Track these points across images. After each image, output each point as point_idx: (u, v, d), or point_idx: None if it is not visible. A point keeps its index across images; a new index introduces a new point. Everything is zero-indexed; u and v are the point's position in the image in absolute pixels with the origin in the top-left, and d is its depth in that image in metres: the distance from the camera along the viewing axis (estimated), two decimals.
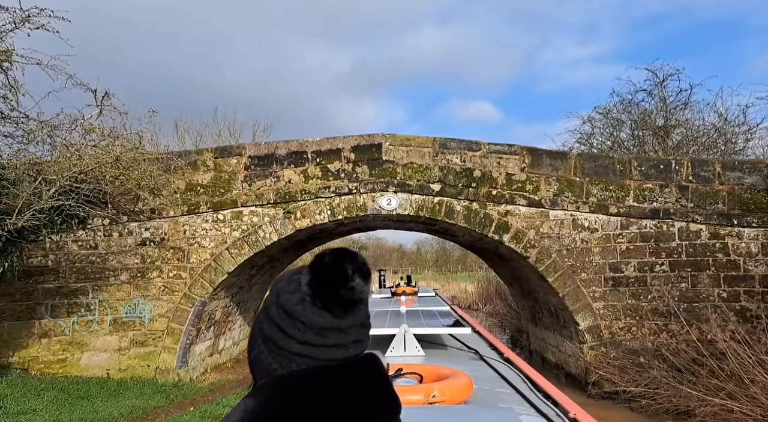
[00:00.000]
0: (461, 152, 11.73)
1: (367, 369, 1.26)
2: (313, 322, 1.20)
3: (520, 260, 12.17)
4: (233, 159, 11.61)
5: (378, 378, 1.27)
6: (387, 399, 1.26)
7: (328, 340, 1.21)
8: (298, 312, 1.21)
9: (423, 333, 5.32)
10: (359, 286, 1.22)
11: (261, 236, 11.55)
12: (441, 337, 6.02)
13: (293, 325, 1.21)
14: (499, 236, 11.55)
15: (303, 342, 1.20)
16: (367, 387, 1.23)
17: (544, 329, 14.11)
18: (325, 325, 1.21)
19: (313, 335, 1.20)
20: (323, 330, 1.21)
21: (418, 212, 11.72)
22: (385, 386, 1.27)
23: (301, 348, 1.21)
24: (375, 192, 11.70)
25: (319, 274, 1.22)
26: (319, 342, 1.21)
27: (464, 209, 11.63)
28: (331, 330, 1.21)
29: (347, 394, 1.20)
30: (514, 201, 11.55)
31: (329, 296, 1.21)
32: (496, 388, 3.85)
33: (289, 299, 1.23)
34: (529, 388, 3.82)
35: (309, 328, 1.20)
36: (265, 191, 11.62)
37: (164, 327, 11.07)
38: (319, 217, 11.67)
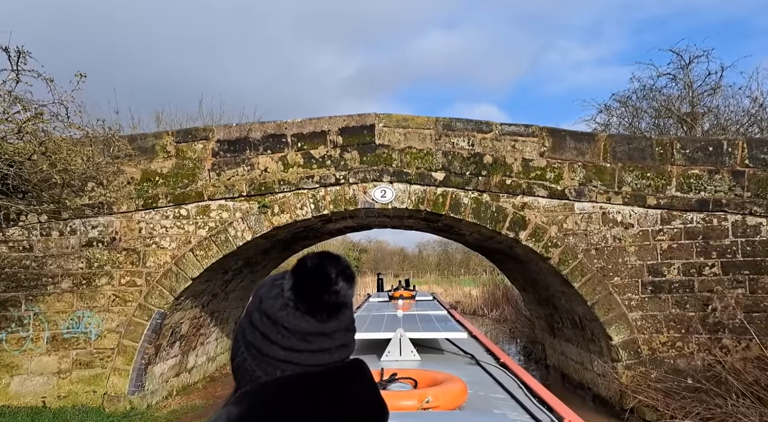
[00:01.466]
0: (469, 133, 9.91)
1: (352, 375, 1.24)
2: (297, 327, 1.19)
3: (539, 262, 10.33)
4: (198, 144, 9.80)
5: (364, 384, 1.26)
6: (373, 406, 1.25)
7: (313, 345, 1.20)
8: (281, 318, 1.20)
9: (419, 337, 5.27)
10: (343, 290, 1.20)
11: (232, 234, 9.73)
12: (437, 341, 5.91)
13: (276, 331, 1.19)
14: (514, 233, 9.72)
15: (287, 348, 1.19)
16: (353, 393, 1.21)
17: (564, 341, 12.25)
18: (309, 330, 1.19)
19: (297, 340, 1.19)
20: (307, 335, 1.19)
21: (418, 206, 9.90)
22: (371, 392, 1.26)
23: (285, 354, 1.19)
24: (367, 182, 9.88)
25: (302, 278, 1.20)
26: (303, 347, 1.19)
27: (473, 201, 9.80)
28: (315, 334, 1.20)
29: (332, 400, 1.18)
30: (532, 192, 9.72)
31: (313, 300, 1.19)
32: (491, 393, 3.81)
33: (271, 305, 1.21)
34: (524, 394, 3.76)
35: (293, 334, 1.19)
36: (237, 181, 9.81)
37: (115, 344, 9.24)
38: (300, 212, 9.85)
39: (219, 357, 13.48)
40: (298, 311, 1.19)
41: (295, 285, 1.20)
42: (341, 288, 1.19)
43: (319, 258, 1.21)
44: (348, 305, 1.24)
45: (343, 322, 1.23)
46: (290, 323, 1.19)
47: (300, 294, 1.19)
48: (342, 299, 1.21)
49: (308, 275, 1.20)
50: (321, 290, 1.19)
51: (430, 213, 10.11)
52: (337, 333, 1.22)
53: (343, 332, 1.24)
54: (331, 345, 1.21)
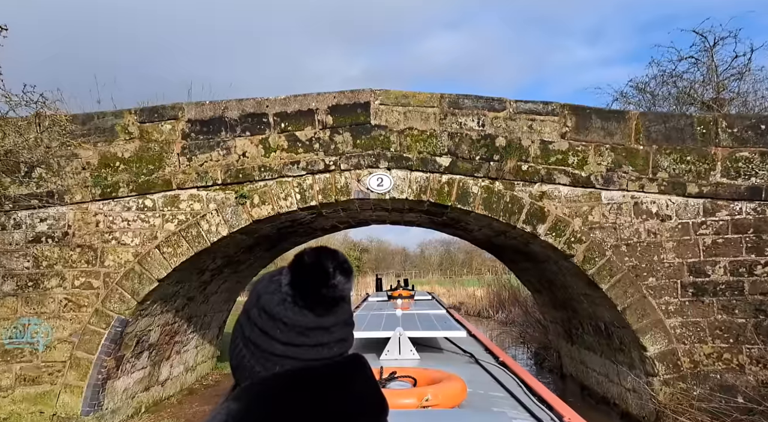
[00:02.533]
0: (478, 112, 8.58)
1: (352, 369, 1.24)
2: (296, 322, 1.18)
3: (559, 261, 9.00)
4: (166, 124, 8.48)
5: (362, 379, 1.25)
6: (372, 400, 1.24)
7: (311, 340, 1.19)
8: (279, 313, 1.19)
9: (418, 336, 5.28)
10: (341, 284, 1.20)
11: (205, 229, 8.41)
12: (436, 340, 5.89)
13: (275, 326, 1.19)
14: (531, 227, 8.39)
15: (286, 343, 1.18)
16: (352, 388, 1.21)
17: (584, 349, 10.92)
18: (308, 324, 1.19)
19: (295, 335, 1.18)
20: (306, 330, 1.19)
21: (420, 196, 8.58)
22: (370, 386, 1.26)
23: (284, 349, 1.18)
24: (361, 169, 8.56)
25: (300, 273, 1.20)
26: (302, 341, 1.19)
27: (483, 190, 8.47)
28: (314, 329, 1.19)
29: (332, 394, 1.17)
30: (552, 179, 8.39)
31: (311, 295, 1.19)
32: (490, 392, 3.77)
33: (269, 301, 1.21)
34: (524, 392, 3.71)
35: (291, 328, 1.18)
36: (211, 167, 8.49)
37: (66, 356, 7.94)
38: (284, 203, 8.53)
39: (200, 367, 12.17)
40: (297, 306, 1.19)
41: (293, 280, 1.20)
42: (339, 282, 1.19)
43: (316, 253, 1.22)
44: (346, 299, 1.24)
45: (342, 316, 1.23)
46: (289, 318, 1.18)
47: (298, 289, 1.19)
48: (340, 293, 1.21)
49: (306, 269, 1.20)
50: (319, 285, 1.18)
51: (433, 205, 8.79)
52: (336, 327, 1.22)
53: (342, 326, 1.23)
54: (329, 339, 1.21)
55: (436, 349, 5.61)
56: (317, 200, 8.56)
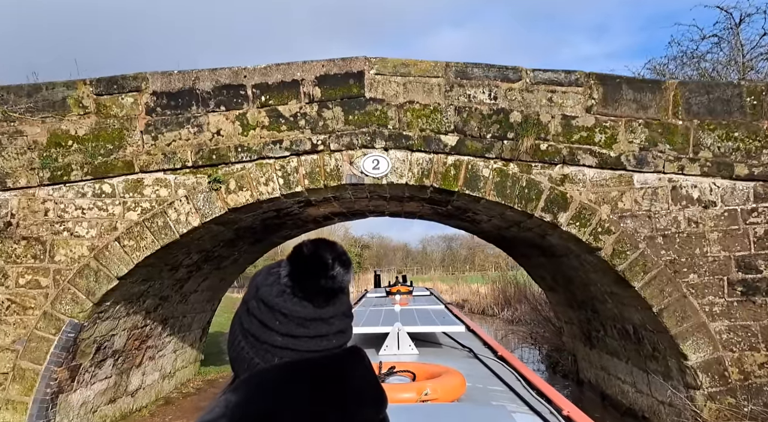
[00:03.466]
0: (490, 83, 7.41)
1: (351, 361, 1.22)
2: (295, 313, 1.17)
3: (582, 255, 7.84)
4: (127, 97, 7.32)
5: (361, 371, 1.23)
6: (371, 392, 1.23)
7: (311, 331, 1.18)
8: (278, 304, 1.18)
9: (417, 332, 5.20)
10: (340, 275, 1.19)
11: (173, 218, 7.26)
12: (435, 335, 5.82)
13: (274, 318, 1.18)
14: (551, 215, 7.23)
15: (284, 334, 1.17)
16: (351, 380, 1.19)
17: (607, 354, 9.76)
18: (307, 316, 1.18)
19: (294, 326, 1.17)
20: (305, 321, 1.18)
21: (423, 180, 7.42)
22: (369, 378, 1.24)
23: (283, 341, 1.18)
24: (354, 149, 7.40)
25: (299, 264, 1.20)
26: (301, 333, 1.18)
27: (495, 173, 7.31)
28: (312, 320, 1.18)
29: (330, 386, 1.16)
30: (575, 160, 7.23)
31: (310, 286, 1.18)
32: (489, 386, 3.78)
33: (268, 292, 1.20)
34: (522, 386, 3.73)
35: (290, 320, 1.17)
36: (180, 147, 7.33)
37: (9, 367, 6.80)
38: (265, 189, 7.37)
39: (180, 373, 11.04)
40: (296, 298, 1.17)
41: (292, 271, 1.19)
42: (338, 273, 1.19)
43: (315, 244, 1.21)
44: (345, 290, 1.21)
45: (340, 308, 1.21)
46: (288, 309, 1.17)
47: (297, 280, 1.18)
48: (339, 285, 1.19)
49: (304, 261, 1.19)
50: (318, 276, 1.17)
51: (438, 191, 7.64)
52: (335, 318, 1.20)
53: (341, 317, 1.22)
54: (328, 330, 1.19)
55: (434, 344, 5.59)
56: (303, 185, 7.40)
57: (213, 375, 11.97)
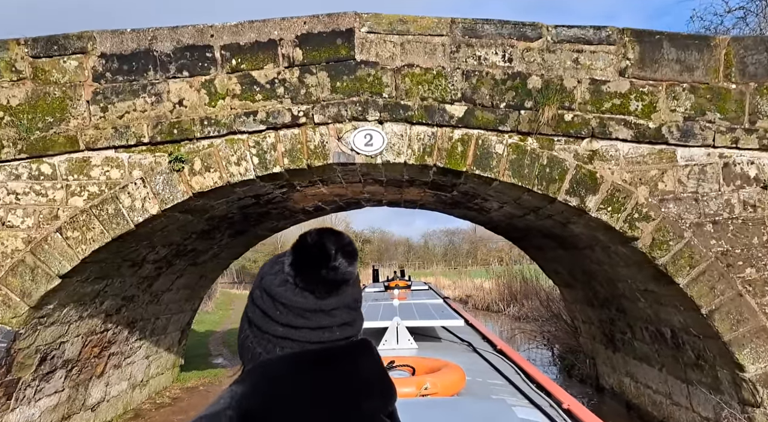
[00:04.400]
0: (504, 42, 6.22)
1: (357, 353, 1.19)
2: (295, 304, 1.15)
3: (613, 246, 6.68)
4: (71, 60, 6.13)
5: (369, 363, 1.20)
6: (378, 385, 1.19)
7: (311, 322, 1.15)
8: (279, 294, 1.16)
9: (415, 326, 5.20)
10: (342, 266, 1.15)
11: (126, 205, 6.09)
12: (434, 330, 5.82)
13: (275, 307, 1.16)
14: (578, 199, 6.06)
15: (285, 325, 1.15)
16: (358, 371, 1.16)
17: (634, 360, 8.60)
18: (308, 307, 1.15)
19: (294, 317, 1.15)
20: (305, 312, 1.15)
21: (424, 159, 6.24)
22: (376, 371, 1.20)
23: (284, 331, 1.15)
24: (343, 122, 6.22)
25: (301, 254, 1.17)
26: (301, 324, 1.15)
27: (511, 149, 6.13)
28: (313, 311, 1.15)
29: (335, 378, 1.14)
30: (606, 132, 6.05)
31: (311, 276, 1.15)
32: (489, 380, 3.76)
33: (271, 282, 1.18)
34: (522, 380, 3.74)
35: (290, 310, 1.15)
36: (135, 120, 6.15)
37: None
38: (237, 170, 6.20)
39: (154, 381, 9.90)
40: (297, 288, 1.15)
41: (294, 261, 1.16)
42: (340, 265, 1.15)
43: (319, 234, 1.18)
44: (349, 282, 1.18)
45: (344, 299, 1.18)
46: (288, 299, 1.15)
47: (299, 270, 1.15)
48: (341, 276, 1.16)
49: (307, 250, 1.16)
50: (319, 266, 1.14)
51: (442, 171, 6.46)
52: (338, 310, 1.17)
53: (345, 310, 1.18)
54: (330, 322, 1.16)
55: (433, 338, 5.55)
56: (282, 165, 6.22)
57: (194, 381, 10.83)
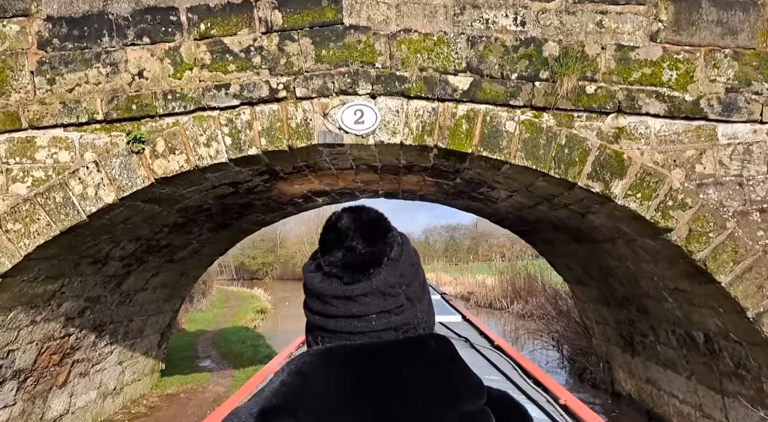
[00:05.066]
0: (516, 2, 5.35)
1: (405, 351, 1.05)
2: (321, 290, 1.07)
3: (639, 238, 5.84)
4: (11, 24, 5.28)
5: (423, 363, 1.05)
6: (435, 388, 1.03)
7: (341, 310, 1.06)
8: (308, 281, 1.10)
9: None
10: (360, 247, 1.05)
11: (77, 192, 5.25)
12: None
13: (308, 294, 1.11)
14: (601, 184, 5.22)
15: (317, 313, 1.09)
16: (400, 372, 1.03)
17: (657, 365, 7.77)
18: (333, 293, 1.06)
19: (323, 304, 1.07)
20: (333, 299, 1.06)
21: (423, 139, 5.40)
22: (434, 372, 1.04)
23: (318, 320, 1.09)
24: (329, 96, 5.37)
25: (322, 236, 1.11)
26: (332, 312, 1.06)
27: (524, 127, 5.29)
28: (340, 298, 1.06)
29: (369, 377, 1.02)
30: (635, 107, 5.20)
31: (330, 260, 1.06)
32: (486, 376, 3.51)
33: (306, 268, 1.13)
34: (519, 375, 3.78)
35: (319, 297, 1.08)
36: (87, 94, 5.31)
37: None
38: (206, 151, 5.35)
39: (130, 389, 9.07)
40: (322, 273, 1.07)
41: (319, 244, 1.11)
42: (357, 245, 1.05)
43: (342, 211, 1.10)
44: (380, 264, 1.06)
45: (375, 285, 1.05)
46: (314, 286, 1.08)
47: (323, 254, 1.08)
48: (361, 258, 1.05)
49: (327, 232, 1.09)
50: (337, 248, 1.06)
51: (444, 154, 5.62)
52: (367, 296, 1.05)
53: (378, 296, 1.06)
54: (361, 310, 1.06)
55: None
56: (259, 146, 5.38)
57: (175, 387, 10.01)
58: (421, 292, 1.13)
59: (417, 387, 1.02)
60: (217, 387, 10.19)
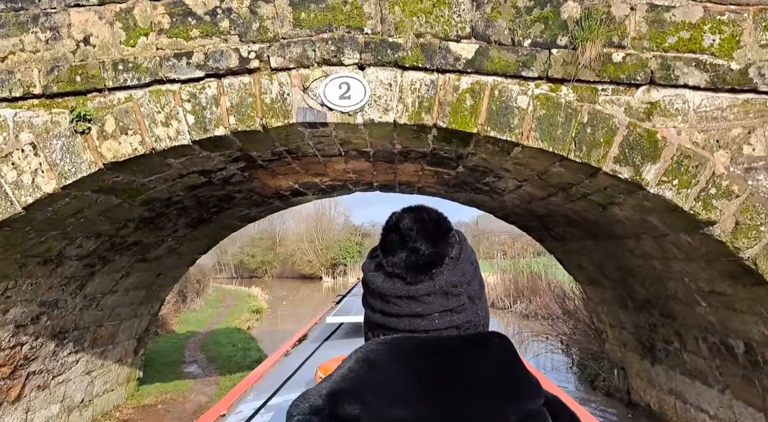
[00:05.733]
0: None
1: (469, 347, 1.06)
2: (384, 290, 1.09)
3: (672, 233, 5.03)
4: None
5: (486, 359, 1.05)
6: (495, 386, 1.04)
7: (404, 310, 1.08)
8: (370, 280, 1.12)
9: None
10: (424, 247, 1.06)
11: (10, 179, 4.45)
12: None
13: (369, 293, 1.14)
14: (631, 168, 4.42)
15: (379, 311, 1.11)
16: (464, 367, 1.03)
17: (683, 375, 6.97)
18: (397, 293, 1.08)
19: (385, 304, 1.09)
20: (396, 299, 1.08)
21: (421, 117, 4.59)
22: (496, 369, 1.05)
23: (380, 319, 1.11)
24: (309, 67, 4.56)
25: (383, 237, 1.12)
26: (394, 311, 1.09)
27: (539, 102, 4.49)
28: (404, 298, 1.07)
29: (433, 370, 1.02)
30: (670, 77, 4.40)
31: (394, 261, 1.08)
32: None
33: (367, 267, 1.15)
34: None
35: (381, 297, 1.10)
36: (22, 64, 4.50)
37: None
38: (164, 131, 4.55)
39: (100, 400, 8.27)
40: (385, 273, 1.09)
41: (380, 244, 1.13)
42: (421, 246, 1.06)
43: (402, 211, 1.12)
44: (442, 264, 1.08)
45: (438, 285, 1.07)
46: (377, 285, 1.10)
47: (384, 254, 1.10)
48: (424, 259, 1.06)
49: (387, 232, 1.11)
50: (399, 249, 1.08)
51: (445, 134, 4.82)
52: (431, 296, 1.07)
53: (441, 296, 1.07)
54: (425, 310, 1.07)
55: None
56: (227, 125, 4.57)
57: (153, 397, 9.21)
58: (480, 290, 1.14)
59: (481, 382, 1.03)
60: (200, 397, 9.41)
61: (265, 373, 4.55)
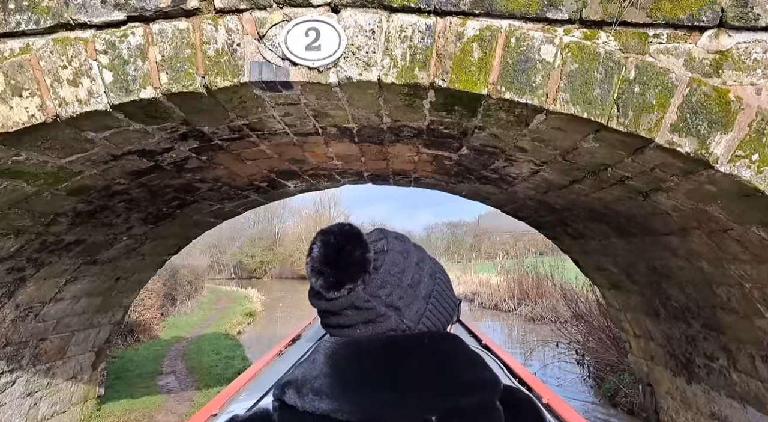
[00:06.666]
0: None
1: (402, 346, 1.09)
2: (314, 305, 1.14)
3: (738, 226, 3.90)
4: None
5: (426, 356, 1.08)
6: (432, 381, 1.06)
7: (330, 321, 1.13)
8: (308, 294, 1.16)
9: None
10: (330, 269, 1.07)
11: None
12: None
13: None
14: (694, 141, 3.28)
15: (322, 322, 1.16)
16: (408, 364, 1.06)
17: (728, 398, 5.84)
18: (319, 307, 1.13)
19: (319, 314, 1.15)
20: (321, 312, 1.13)
21: (414, 74, 3.46)
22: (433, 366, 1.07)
23: (323, 324, 1.16)
24: (265, 8, 3.44)
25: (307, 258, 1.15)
26: (324, 322, 1.14)
27: (570, 54, 3.36)
28: (325, 312, 1.12)
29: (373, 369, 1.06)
30: (746, 18, 3.27)
31: (313, 281, 1.11)
32: None
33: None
34: (505, 374, 3.82)
35: (317, 309, 1.14)
36: None
37: None
38: (72, 93, 3.42)
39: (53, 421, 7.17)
40: (312, 288, 1.13)
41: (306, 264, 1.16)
42: (327, 269, 1.09)
43: (317, 235, 1.13)
44: (353, 280, 1.08)
45: (349, 301, 1.08)
46: (310, 299, 1.15)
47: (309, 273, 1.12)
48: (333, 280, 1.08)
49: (307, 255, 1.13)
50: (312, 272, 1.10)
51: (445, 98, 3.70)
52: (347, 310, 1.09)
53: (353, 310, 1.09)
54: (345, 321, 1.10)
55: None
56: (158, 85, 3.45)
57: (114, 417, 8.10)
58: (411, 295, 1.12)
59: (406, 379, 1.05)
60: (168, 417, 8.30)
61: (258, 373, 4.41)
